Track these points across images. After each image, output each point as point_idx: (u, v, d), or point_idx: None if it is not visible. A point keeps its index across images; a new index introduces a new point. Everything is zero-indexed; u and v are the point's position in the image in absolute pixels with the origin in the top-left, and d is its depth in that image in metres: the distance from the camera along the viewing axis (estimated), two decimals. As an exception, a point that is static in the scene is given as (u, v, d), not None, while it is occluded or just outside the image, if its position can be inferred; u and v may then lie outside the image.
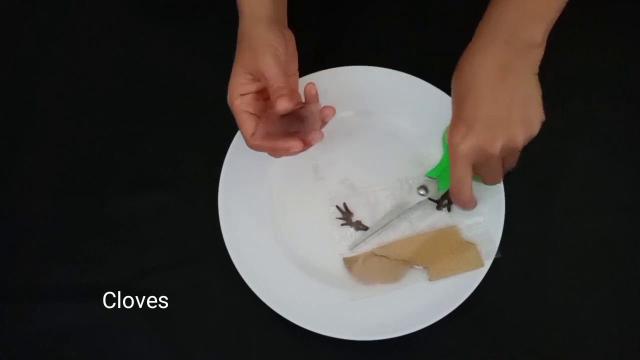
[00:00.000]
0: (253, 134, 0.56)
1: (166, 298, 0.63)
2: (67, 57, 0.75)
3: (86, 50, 0.75)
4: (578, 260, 0.64)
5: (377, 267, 0.61)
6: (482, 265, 0.60)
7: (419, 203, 0.64)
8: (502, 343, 0.61)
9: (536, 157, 0.67)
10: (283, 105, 0.53)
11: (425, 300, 0.60)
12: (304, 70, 0.68)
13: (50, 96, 0.73)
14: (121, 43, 0.76)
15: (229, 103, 0.57)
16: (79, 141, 0.71)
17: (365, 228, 0.64)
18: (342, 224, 0.64)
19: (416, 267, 0.61)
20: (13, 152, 0.70)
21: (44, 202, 0.68)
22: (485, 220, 0.63)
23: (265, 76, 0.55)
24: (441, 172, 0.63)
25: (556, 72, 0.71)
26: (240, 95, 0.56)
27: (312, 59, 0.69)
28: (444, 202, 0.64)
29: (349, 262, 0.62)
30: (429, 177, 0.63)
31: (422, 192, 0.64)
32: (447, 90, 0.66)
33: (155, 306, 0.63)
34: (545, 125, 0.69)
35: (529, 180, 0.66)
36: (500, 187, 0.63)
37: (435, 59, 0.72)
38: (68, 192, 0.68)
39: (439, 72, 0.67)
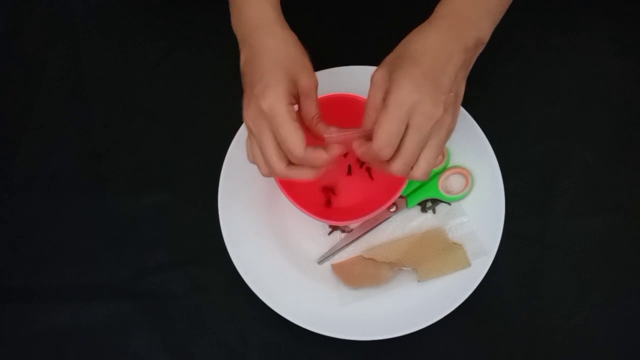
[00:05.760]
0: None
1: (166, 298, 0.64)
2: (67, 57, 0.75)
3: (86, 50, 0.75)
4: (577, 260, 0.64)
5: (365, 270, 0.62)
6: (469, 265, 0.61)
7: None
8: (502, 343, 0.61)
9: (536, 157, 0.68)
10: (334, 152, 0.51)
11: (425, 301, 0.60)
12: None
13: (50, 96, 0.73)
14: (121, 43, 0.76)
15: (271, 105, 0.49)
16: (79, 141, 0.71)
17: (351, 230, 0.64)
18: (330, 232, 0.64)
19: (405, 268, 0.62)
20: (13, 152, 0.70)
21: (44, 202, 0.68)
22: (469, 220, 0.63)
23: (305, 99, 0.53)
24: (410, 191, 0.64)
25: (556, 72, 0.71)
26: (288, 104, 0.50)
27: (312, 59, 0.69)
28: (429, 204, 0.65)
29: (337, 268, 0.62)
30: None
31: (392, 209, 0.64)
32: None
33: (155, 306, 0.63)
34: (545, 126, 0.69)
35: (529, 180, 0.66)
36: (500, 187, 0.63)
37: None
38: (68, 192, 0.68)
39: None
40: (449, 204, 0.64)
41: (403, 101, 0.47)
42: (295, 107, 0.53)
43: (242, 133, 0.65)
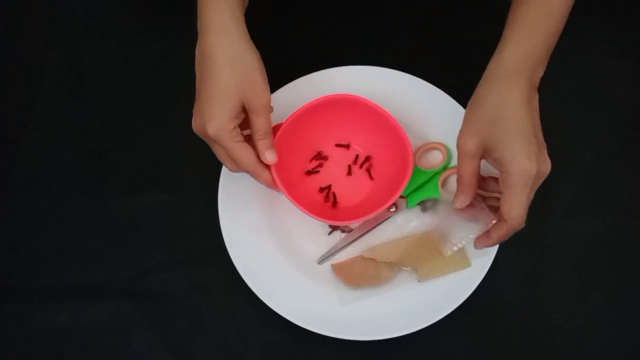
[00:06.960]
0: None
1: (166, 298, 0.64)
2: (67, 56, 0.75)
3: (86, 50, 0.75)
4: (578, 261, 0.64)
5: (365, 270, 0.61)
6: (469, 265, 0.61)
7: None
8: (502, 343, 0.61)
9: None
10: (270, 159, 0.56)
11: (425, 301, 0.60)
12: (304, 70, 0.68)
13: (50, 96, 0.73)
14: (121, 43, 0.76)
15: (216, 133, 0.54)
16: (79, 141, 0.71)
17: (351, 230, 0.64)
18: (330, 232, 0.64)
19: (405, 268, 0.62)
20: (13, 152, 0.70)
21: (44, 202, 0.68)
22: None
23: (257, 114, 0.55)
24: (410, 191, 0.64)
25: (556, 72, 0.71)
26: (234, 128, 0.54)
27: (312, 59, 0.69)
28: (429, 204, 0.65)
29: (337, 268, 0.62)
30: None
31: (392, 209, 0.64)
32: (447, 90, 0.67)
33: (155, 306, 0.63)
34: (545, 126, 0.69)
35: (529, 180, 0.66)
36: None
37: (437, 60, 0.72)
38: (68, 192, 0.68)
39: (440, 73, 0.68)
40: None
41: (528, 176, 0.50)
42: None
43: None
